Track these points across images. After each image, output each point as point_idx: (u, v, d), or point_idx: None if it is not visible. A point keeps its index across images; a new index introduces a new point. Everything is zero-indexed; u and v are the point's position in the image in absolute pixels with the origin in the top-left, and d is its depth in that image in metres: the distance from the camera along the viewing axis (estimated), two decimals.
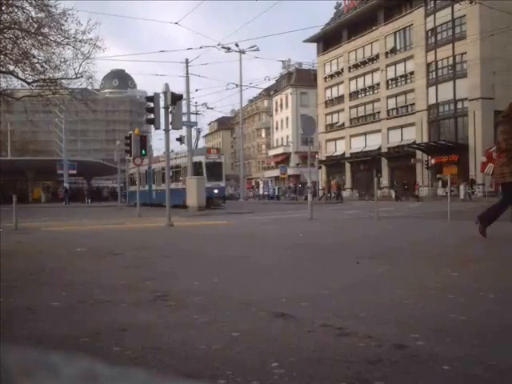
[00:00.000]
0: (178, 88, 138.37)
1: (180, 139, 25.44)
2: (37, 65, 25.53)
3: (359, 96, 54.25)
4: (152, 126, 16.16)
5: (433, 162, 42.93)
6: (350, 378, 2.59)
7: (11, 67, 25.75)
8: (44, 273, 6.26)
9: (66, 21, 24.72)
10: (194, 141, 29.14)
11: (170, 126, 15.02)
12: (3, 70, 25.74)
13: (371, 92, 52.50)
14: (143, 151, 20.52)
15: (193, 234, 12.42)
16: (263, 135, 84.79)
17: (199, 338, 3.28)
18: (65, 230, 13.88)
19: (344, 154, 55.51)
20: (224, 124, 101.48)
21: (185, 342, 3.20)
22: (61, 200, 45.12)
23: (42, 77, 26.05)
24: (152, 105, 15.27)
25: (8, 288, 5.11)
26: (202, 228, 14.44)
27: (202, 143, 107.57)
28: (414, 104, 46.51)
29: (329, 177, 56.77)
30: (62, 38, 24.99)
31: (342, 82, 56.73)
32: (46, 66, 25.69)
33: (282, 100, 74.29)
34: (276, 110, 76.88)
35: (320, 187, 47.93)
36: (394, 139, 49.16)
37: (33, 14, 24.39)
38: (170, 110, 14.74)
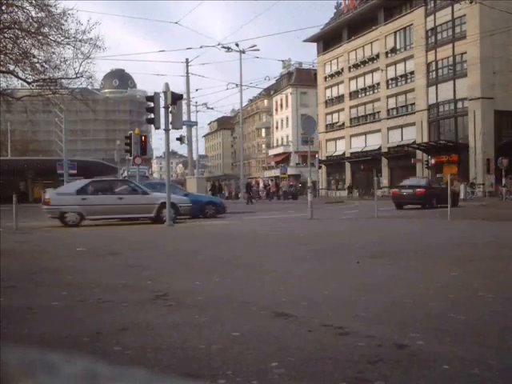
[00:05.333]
0: (178, 88, 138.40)
1: (180, 139, 25.40)
2: (37, 64, 25.50)
3: (359, 96, 54.19)
4: (152, 125, 16.16)
5: (433, 161, 42.88)
6: (350, 377, 2.59)
7: (11, 67, 25.70)
8: (44, 273, 6.26)
9: (66, 20, 24.70)
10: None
11: (170, 126, 15.02)
12: (3, 69, 25.70)
13: (371, 92, 52.45)
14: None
15: (193, 234, 12.41)
16: (263, 135, 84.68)
17: (199, 338, 3.28)
18: (65, 229, 13.87)
19: (344, 153, 55.44)
20: (224, 124, 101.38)
21: (185, 342, 3.20)
22: None
23: (42, 76, 26.01)
24: (152, 104, 15.26)
25: (8, 288, 5.10)
26: (202, 228, 14.42)
27: (201, 143, 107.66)
28: (414, 104, 46.47)
29: (329, 176, 56.76)
30: (62, 38, 24.97)
31: (342, 82, 56.65)
32: (46, 66, 25.66)
33: (282, 100, 74.23)
34: (276, 110, 76.81)
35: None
36: (394, 139, 49.12)
37: (33, 13, 24.37)
38: (170, 109, 14.74)
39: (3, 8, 24.04)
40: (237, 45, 38.09)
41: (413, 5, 46.40)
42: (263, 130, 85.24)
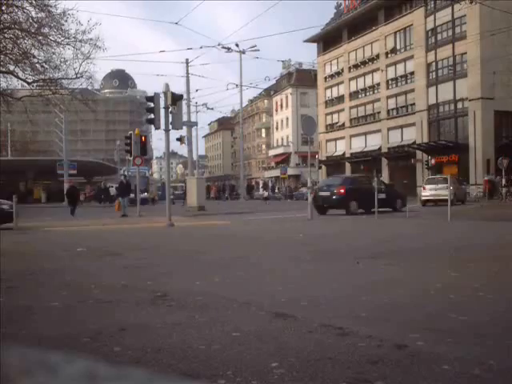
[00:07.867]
0: (178, 88, 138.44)
1: (180, 139, 25.38)
2: (37, 65, 25.50)
3: (359, 96, 54.16)
4: (152, 126, 16.16)
5: (433, 162, 42.87)
6: (350, 377, 2.59)
7: (11, 67, 25.71)
8: (44, 273, 6.26)
9: (66, 21, 24.70)
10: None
11: (170, 126, 15.02)
12: (3, 69, 25.70)
13: (371, 92, 52.44)
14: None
15: (193, 234, 12.41)
16: (263, 135, 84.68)
17: (199, 338, 3.28)
18: (65, 229, 13.86)
19: (344, 154, 55.44)
20: (224, 124, 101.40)
21: (185, 342, 3.20)
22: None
23: (42, 77, 26.02)
24: (152, 105, 15.26)
25: (8, 288, 5.11)
26: (202, 228, 14.42)
27: (202, 143, 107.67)
28: (414, 104, 46.47)
29: (329, 177, 56.68)
30: (62, 38, 24.97)
31: (342, 82, 56.64)
32: (46, 66, 25.65)
33: (282, 100, 74.26)
34: (276, 110, 76.83)
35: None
36: (394, 139, 49.11)
37: (33, 13, 24.37)
38: (170, 110, 14.74)
39: (3, 8, 24.05)
40: (237, 45, 38.10)
41: (413, 5, 46.39)
42: (263, 131, 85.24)
